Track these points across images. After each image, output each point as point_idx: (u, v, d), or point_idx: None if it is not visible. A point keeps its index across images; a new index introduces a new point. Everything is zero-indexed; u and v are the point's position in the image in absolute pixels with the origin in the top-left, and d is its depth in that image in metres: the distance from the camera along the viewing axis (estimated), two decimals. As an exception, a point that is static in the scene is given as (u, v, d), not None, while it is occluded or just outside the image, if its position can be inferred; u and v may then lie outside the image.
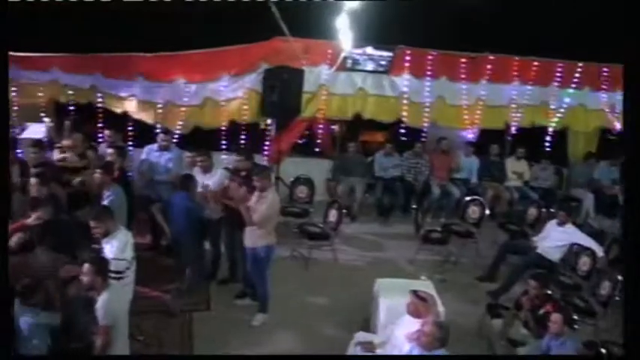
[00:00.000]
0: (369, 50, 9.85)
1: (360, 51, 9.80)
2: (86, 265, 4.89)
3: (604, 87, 10.66)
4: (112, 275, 5.26)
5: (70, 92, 9.58)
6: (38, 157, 7.50)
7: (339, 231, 8.81)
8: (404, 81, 10.18)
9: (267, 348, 6.57)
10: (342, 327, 6.78)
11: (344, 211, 8.94)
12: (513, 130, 10.87)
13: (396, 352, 5.35)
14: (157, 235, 8.30)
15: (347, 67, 9.93)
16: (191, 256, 7.32)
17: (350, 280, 8.07)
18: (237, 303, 7.42)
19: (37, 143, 7.87)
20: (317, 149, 11.02)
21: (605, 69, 10.52)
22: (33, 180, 6.51)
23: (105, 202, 6.65)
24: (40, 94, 9.58)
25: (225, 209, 7.32)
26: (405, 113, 10.30)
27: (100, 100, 9.62)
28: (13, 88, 9.45)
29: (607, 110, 10.71)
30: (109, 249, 5.48)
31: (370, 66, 9.99)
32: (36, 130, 9.27)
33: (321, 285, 8.00)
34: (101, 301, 4.87)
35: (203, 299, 7.50)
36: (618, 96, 10.13)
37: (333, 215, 8.62)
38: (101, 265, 5.01)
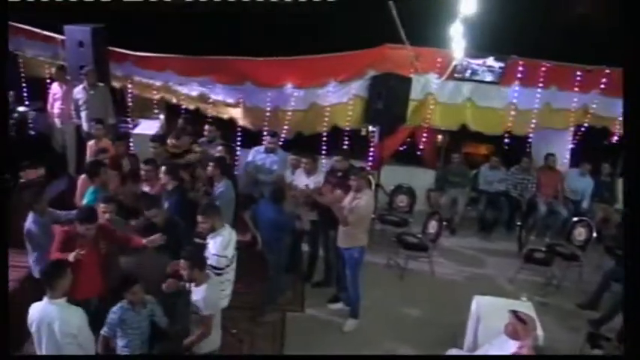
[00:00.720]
0: (483, 61, 9.62)
1: (479, 61, 9.59)
2: (182, 262, 5.10)
3: None
4: (213, 271, 5.43)
5: (182, 97, 9.99)
6: (158, 152, 7.75)
7: (438, 243, 8.67)
8: (513, 92, 9.88)
9: (355, 354, 6.56)
10: (434, 341, 6.67)
11: (444, 223, 8.78)
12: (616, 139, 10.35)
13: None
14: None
15: (458, 76, 9.72)
16: (279, 266, 7.27)
17: (446, 295, 7.93)
18: (330, 307, 7.48)
19: (157, 139, 8.15)
20: (419, 158, 10.88)
21: None
22: (164, 174, 6.75)
23: (216, 194, 6.91)
24: (154, 92, 10.08)
25: (321, 210, 7.35)
26: (510, 124, 10.02)
27: (209, 105, 9.95)
28: (129, 85, 10.04)
29: None
30: (213, 245, 5.65)
31: (481, 76, 9.73)
32: (149, 126, 9.73)
33: (415, 296, 7.90)
34: (202, 292, 5.04)
35: (297, 300, 7.62)
36: None
37: (432, 226, 8.49)
38: (196, 258, 5.18)
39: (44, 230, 5.72)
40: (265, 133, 9.17)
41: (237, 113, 9.87)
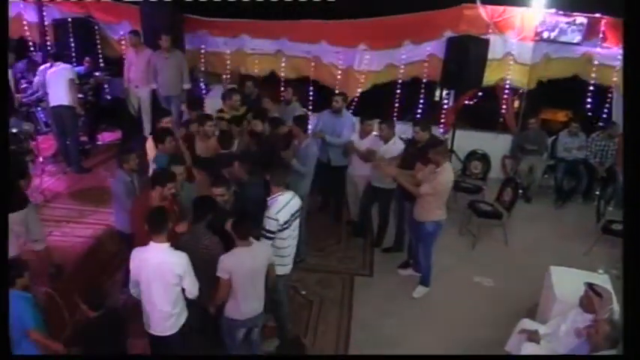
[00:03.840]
0: (573, 18, 9.20)
1: (568, 19, 9.20)
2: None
3: None
4: (265, 234, 5.41)
5: (256, 61, 10.06)
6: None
7: (513, 211, 8.42)
8: (594, 47, 9.39)
9: (425, 322, 6.55)
10: (505, 312, 6.52)
11: (520, 191, 8.50)
12: None
13: (561, 347, 5.07)
14: (326, 197, 8.66)
15: (544, 36, 9.35)
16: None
17: (519, 264, 7.71)
18: (400, 273, 7.44)
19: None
20: (496, 123, 10.44)
21: None
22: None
23: (301, 152, 6.95)
24: (227, 62, 10.24)
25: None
26: (593, 74, 9.55)
27: (283, 65, 10.00)
28: (201, 58, 10.31)
29: None
30: (269, 208, 5.58)
31: (570, 37, 9.30)
32: (219, 93, 9.85)
33: (487, 265, 7.73)
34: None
35: (367, 264, 7.63)
36: None
37: (507, 194, 8.27)
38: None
39: (128, 188, 5.88)
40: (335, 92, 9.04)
41: (310, 70, 9.91)
